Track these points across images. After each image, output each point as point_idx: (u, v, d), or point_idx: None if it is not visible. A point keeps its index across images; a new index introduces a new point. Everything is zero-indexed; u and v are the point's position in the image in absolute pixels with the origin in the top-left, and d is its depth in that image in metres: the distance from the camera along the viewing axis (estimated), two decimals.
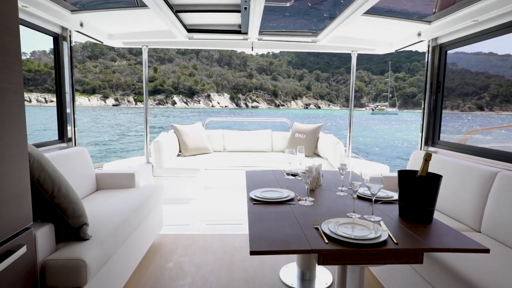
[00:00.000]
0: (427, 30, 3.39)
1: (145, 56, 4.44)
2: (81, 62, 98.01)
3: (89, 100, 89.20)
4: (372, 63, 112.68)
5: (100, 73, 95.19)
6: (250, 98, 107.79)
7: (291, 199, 2.06)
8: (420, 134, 3.70)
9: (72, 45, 3.35)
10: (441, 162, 2.89)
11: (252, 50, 4.46)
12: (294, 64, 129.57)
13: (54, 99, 3.30)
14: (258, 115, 68.92)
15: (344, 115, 74.66)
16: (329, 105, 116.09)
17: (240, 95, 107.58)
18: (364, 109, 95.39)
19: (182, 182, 4.57)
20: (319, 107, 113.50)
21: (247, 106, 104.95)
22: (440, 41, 3.44)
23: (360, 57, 4.73)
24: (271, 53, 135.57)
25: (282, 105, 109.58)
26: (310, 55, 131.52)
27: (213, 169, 5.02)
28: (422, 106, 3.66)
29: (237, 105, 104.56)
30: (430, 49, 3.55)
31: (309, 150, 5.17)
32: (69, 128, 3.37)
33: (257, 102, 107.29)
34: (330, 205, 1.99)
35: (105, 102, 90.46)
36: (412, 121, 57.23)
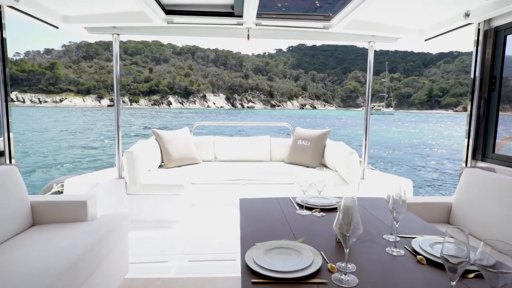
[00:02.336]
0: (479, 8, 2.57)
1: (116, 48, 3.58)
2: (75, 62, 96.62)
3: (83, 100, 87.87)
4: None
5: (95, 73, 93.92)
6: (246, 98, 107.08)
7: (318, 270, 1.20)
8: (466, 145, 2.86)
9: (5, 31, 2.47)
10: None
11: (249, 39, 3.60)
12: (290, 64, 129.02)
13: (48, 99, 2.44)
14: (254, 116, 67.92)
15: (340, 115, 74.05)
16: (324, 105, 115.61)
17: (236, 96, 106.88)
18: (361, 109, 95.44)
19: (163, 201, 3.70)
20: (315, 108, 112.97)
21: (242, 106, 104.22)
22: (496, 23, 2.62)
23: (356, 57, 3.95)
24: (267, 53, 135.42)
25: (278, 106, 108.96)
26: (307, 56, 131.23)
27: (202, 183, 4.15)
28: (469, 108, 2.84)
29: (233, 105, 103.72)
30: (480, 35, 2.72)
31: (314, 160, 4.31)
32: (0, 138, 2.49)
33: (253, 103, 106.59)
34: (387, 283, 1.14)
35: (99, 102, 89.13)
36: (412, 121, 56.82)
